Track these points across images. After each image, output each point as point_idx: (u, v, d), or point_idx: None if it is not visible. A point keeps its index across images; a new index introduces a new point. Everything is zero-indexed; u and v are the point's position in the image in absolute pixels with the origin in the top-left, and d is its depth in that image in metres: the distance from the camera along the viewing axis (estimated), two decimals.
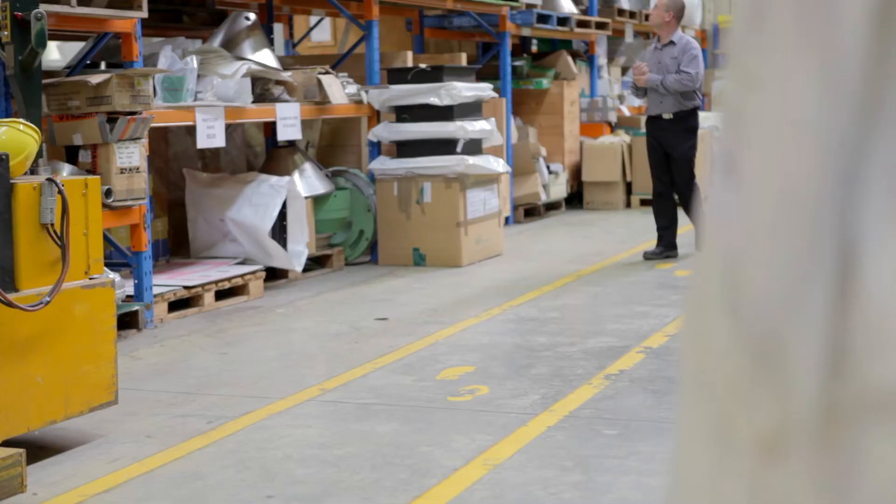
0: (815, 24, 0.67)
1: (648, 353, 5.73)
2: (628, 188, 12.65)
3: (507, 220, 10.69)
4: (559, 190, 12.15)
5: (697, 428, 0.73)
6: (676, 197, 8.81)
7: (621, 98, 14.06)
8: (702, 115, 14.37)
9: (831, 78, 0.66)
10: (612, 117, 13.21)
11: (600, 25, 12.84)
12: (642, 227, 10.80)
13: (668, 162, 8.66)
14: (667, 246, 8.73)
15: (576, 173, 12.64)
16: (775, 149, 0.68)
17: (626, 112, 13.88)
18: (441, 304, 7.20)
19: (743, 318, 0.67)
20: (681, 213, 8.84)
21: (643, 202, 12.55)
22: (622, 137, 12.67)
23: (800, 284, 0.65)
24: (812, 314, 0.64)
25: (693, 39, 8.73)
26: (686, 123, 8.61)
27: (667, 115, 8.58)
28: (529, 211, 11.70)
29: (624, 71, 14.70)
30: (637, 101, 13.34)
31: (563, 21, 11.98)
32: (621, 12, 13.67)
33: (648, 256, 8.70)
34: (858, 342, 0.63)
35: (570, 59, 12.62)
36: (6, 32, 5.15)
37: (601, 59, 13.52)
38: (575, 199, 12.71)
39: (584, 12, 13.08)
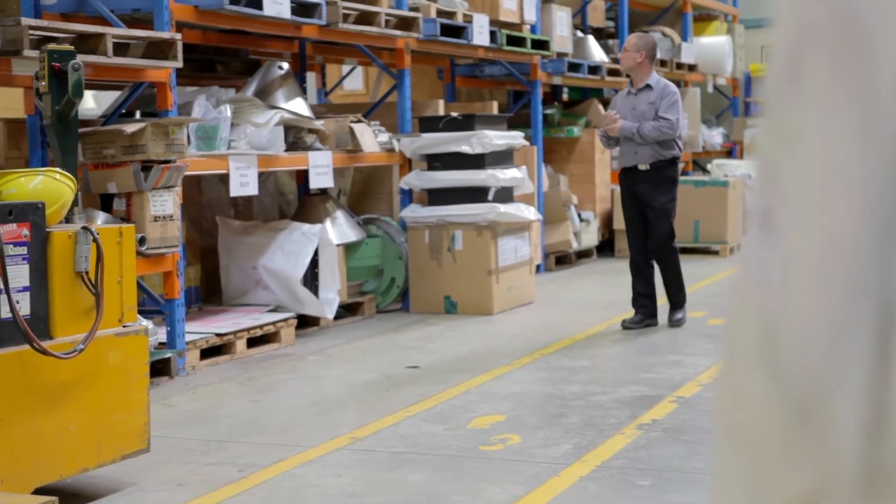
0: (853, 76, 0.67)
1: (681, 402, 5.68)
2: None
3: (538, 267, 10.67)
4: (590, 238, 12.13)
5: (733, 484, 0.72)
6: (652, 255, 7.88)
7: None
8: (734, 162, 14.40)
9: (870, 131, 0.66)
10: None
11: None
12: None
13: (645, 218, 7.82)
14: (648, 314, 7.85)
15: (607, 221, 12.62)
16: (813, 205, 0.67)
17: None
18: (472, 352, 7.18)
19: (782, 376, 0.66)
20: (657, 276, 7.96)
21: None
22: None
23: (840, 343, 0.64)
24: (853, 373, 0.63)
25: (671, 83, 7.89)
26: (665, 174, 7.76)
27: (643, 167, 7.72)
28: (561, 259, 11.68)
29: None
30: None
31: (594, 70, 12.02)
32: None
33: (627, 326, 7.78)
34: None
35: (601, 107, 12.64)
36: (44, 83, 5.22)
37: None
38: (606, 247, 12.68)
39: (615, 61, 13.10)
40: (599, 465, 4.63)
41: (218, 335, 7.03)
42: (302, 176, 9.08)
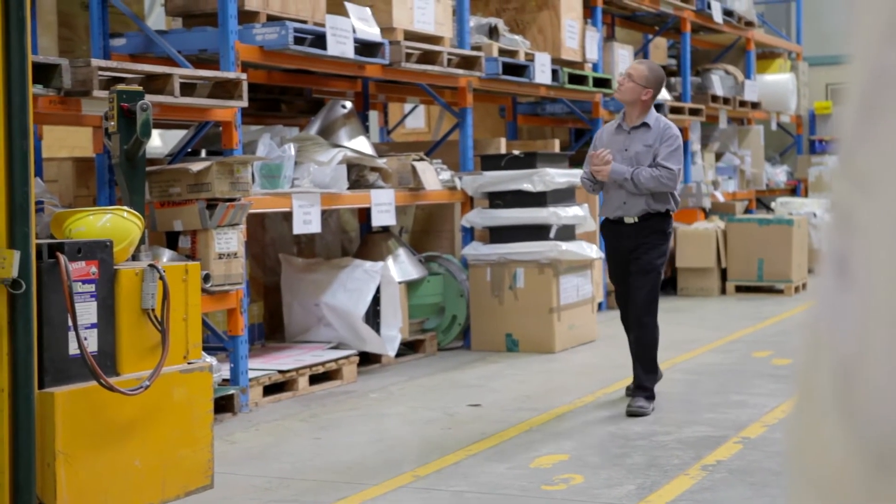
0: None
1: (746, 443, 5.61)
2: (723, 274, 12.51)
3: (600, 305, 10.62)
4: None
5: None
6: (628, 319, 6.59)
7: (715, 184, 13.98)
8: (798, 200, 14.25)
9: None
10: (707, 203, 13.12)
11: (694, 111, 12.82)
12: (737, 314, 10.66)
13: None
14: (648, 397, 6.47)
15: (670, 259, 12.54)
16: (890, 249, 0.66)
17: (721, 198, 13.78)
18: (534, 391, 7.15)
19: (859, 423, 0.65)
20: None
21: (738, 289, 12.40)
22: (716, 223, 12.57)
23: None
24: None
25: (672, 124, 6.62)
26: (654, 226, 6.47)
27: (629, 220, 6.45)
28: None
29: (718, 157, 14.62)
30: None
31: (657, 107, 11.99)
32: (715, 98, 13.65)
33: (633, 413, 6.33)
34: None
35: None
36: (113, 123, 5.31)
37: (695, 145, 13.48)
38: (669, 285, 12.59)
39: (678, 99, 13.08)
40: None
41: (281, 372, 7.06)
42: (364, 214, 9.13)
